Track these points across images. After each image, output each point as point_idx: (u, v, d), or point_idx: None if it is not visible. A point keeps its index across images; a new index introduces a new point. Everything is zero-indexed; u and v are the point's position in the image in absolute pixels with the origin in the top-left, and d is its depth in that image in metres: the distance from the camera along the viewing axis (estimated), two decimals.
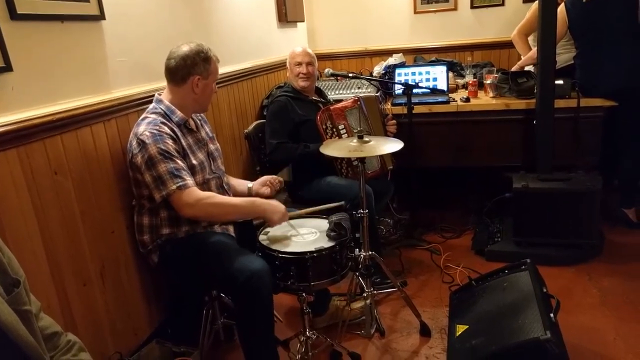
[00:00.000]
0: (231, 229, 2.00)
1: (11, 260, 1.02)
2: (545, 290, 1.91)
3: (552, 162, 2.81)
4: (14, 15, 1.46)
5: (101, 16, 1.83)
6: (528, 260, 2.06)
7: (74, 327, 1.64)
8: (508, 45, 3.60)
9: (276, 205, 1.89)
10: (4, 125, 1.41)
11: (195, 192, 1.75)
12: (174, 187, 1.70)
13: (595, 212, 2.63)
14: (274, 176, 2.15)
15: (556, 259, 2.65)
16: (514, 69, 3.24)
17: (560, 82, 2.80)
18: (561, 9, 2.87)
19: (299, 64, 2.67)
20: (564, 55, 3.08)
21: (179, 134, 1.82)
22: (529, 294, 1.87)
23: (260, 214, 1.87)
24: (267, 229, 1.95)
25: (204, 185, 1.89)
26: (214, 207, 1.79)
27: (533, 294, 1.86)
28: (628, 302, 2.32)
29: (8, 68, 1.44)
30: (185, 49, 1.83)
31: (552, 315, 1.74)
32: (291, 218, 1.99)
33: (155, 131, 1.73)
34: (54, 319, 1.12)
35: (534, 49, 2.97)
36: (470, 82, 3.18)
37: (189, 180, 1.74)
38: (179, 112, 1.85)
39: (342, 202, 2.07)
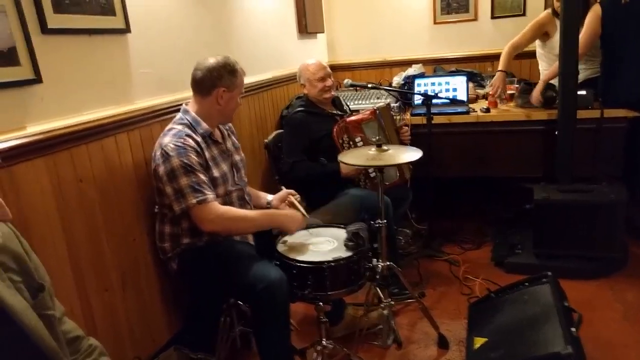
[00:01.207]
0: (250, 238, 2.02)
1: (37, 266, 1.06)
2: (566, 303, 1.88)
3: (574, 173, 2.76)
4: (44, 29, 1.52)
5: (127, 29, 1.89)
6: (549, 273, 2.03)
7: (94, 332, 1.68)
8: (529, 55, 3.57)
9: (292, 215, 1.92)
10: (33, 135, 1.47)
11: (215, 207, 1.77)
12: (194, 201, 1.73)
13: (619, 224, 2.58)
14: (292, 191, 2.14)
15: (578, 272, 2.60)
16: (538, 86, 3.20)
17: (583, 92, 2.77)
18: (596, 8, 2.80)
19: (323, 78, 2.68)
20: (583, 72, 3.03)
21: (203, 145, 1.85)
22: (549, 308, 1.84)
23: (278, 225, 1.91)
24: (286, 238, 1.97)
25: (225, 197, 1.92)
26: (233, 222, 1.82)
27: (554, 307, 1.83)
28: None
29: (38, 80, 1.50)
30: (212, 61, 1.87)
31: (573, 329, 1.71)
32: (308, 226, 2.00)
33: (180, 144, 1.77)
34: (76, 323, 1.15)
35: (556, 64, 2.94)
36: (491, 93, 3.16)
37: (209, 195, 1.77)
38: (204, 124, 1.88)
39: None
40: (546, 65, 3.34)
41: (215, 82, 1.86)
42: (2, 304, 0.90)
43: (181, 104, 1.97)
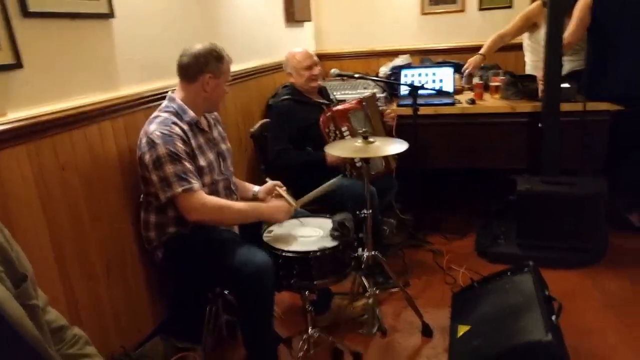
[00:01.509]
0: (235, 228, 2.02)
1: (19, 255, 1.04)
2: (547, 293, 1.92)
3: (558, 166, 2.80)
4: (26, 12, 1.48)
5: (111, 14, 1.85)
6: (530, 263, 2.07)
7: (79, 321, 1.67)
8: (515, 47, 3.59)
9: (280, 207, 1.92)
10: (14, 121, 1.44)
11: (201, 196, 1.76)
12: (180, 189, 1.72)
13: (600, 216, 2.63)
14: (278, 182, 2.14)
15: (559, 262, 2.65)
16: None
17: (566, 85, 2.80)
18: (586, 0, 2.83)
19: (309, 67, 2.67)
20: (568, 64, 3.06)
21: (189, 134, 1.83)
22: (531, 297, 1.88)
23: (266, 217, 1.91)
24: (271, 228, 1.97)
25: (212, 186, 1.91)
26: (219, 212, 1.81)
27: (535, 296, 1.86)
28: (631, 305, 2.31)
29: (18, 65, 1.47)
30: (198, 47, 1.85)
31: (553, 317, 1.75)
32: (296, 214, 2.00)
33: (165, 131, 1.75)
34: (60, 313, 1.14)
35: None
36: (476, 84, 3.18)
37: (195, 184, 1.75)
38: (190, 112, 1.86)
39: (339, 177, 2.07)
40: (532, 56, 3.37)
41: (202, 67, 1.84)
42: None
43: (167, 92, 1.94)
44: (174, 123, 1.80)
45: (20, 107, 1.49)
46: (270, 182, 2.14)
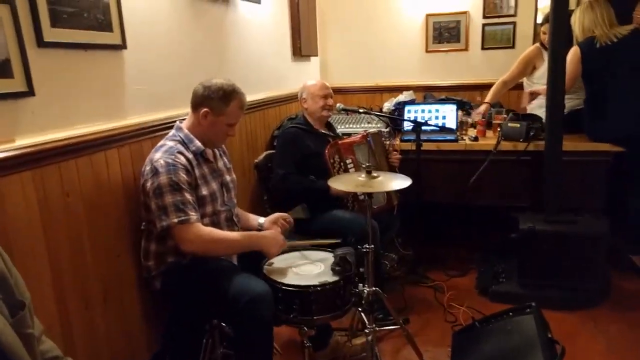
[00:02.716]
0: (234, 258, 2.01)
1: (18, 281, 1.04)
2: (550, 335, 1.88)
3: (559, 204, 2.80)
4: (40, 43, 1.52)
5: (123, 45, 1.90)
6: (533, 304, 2.03)
7: (73, 351, 1.64)
8: (517, 87, 3.65)
9: (273, 238, 1.91)
10: (21, 148, 1.45)
11: (196, 228, 1.76)
12: (176, 220, 1.72)
13: (602, 256, 2.61)
14: (284, 214, 2.14)
15: (561, 303, 2.61)
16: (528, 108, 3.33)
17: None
18: (575, 50, 2.90)
19: (325, 96, 2.74)
20: (568, 103, 3.11)
21: (194, 163, 1.85)
22: (533, 339, 1.84)
23: (259, 248, 1.88)
24: (272, 260, 1.95)
25: (213, 217, 1.91)
26: (212, 243, 1.80)
27: (537, 339, 1.82)
28: (635, 350, 2.27)
29: (30, 93, 1.49)
30: (215, 81, 1.88)
31: None
32: (290, 248, 1.99)
33: (170, 160, 1.76)
34: (55, 341, 1.13)
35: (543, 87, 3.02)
36: (479, 122, 3.22)
37: (193, 216, 1.75)
38: (196, 142, 1.88)
39: (339, 241, 2.09)
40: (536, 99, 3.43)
41: (202, 100, 1.87)
42: None
43: (173, 122, 1.97)
44: (180, 152, 1.81)
45: (29, 134, 1.51)
46: (276, 214, 2.14)
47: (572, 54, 2.87)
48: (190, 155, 1.84)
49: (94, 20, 1.74)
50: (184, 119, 1.96)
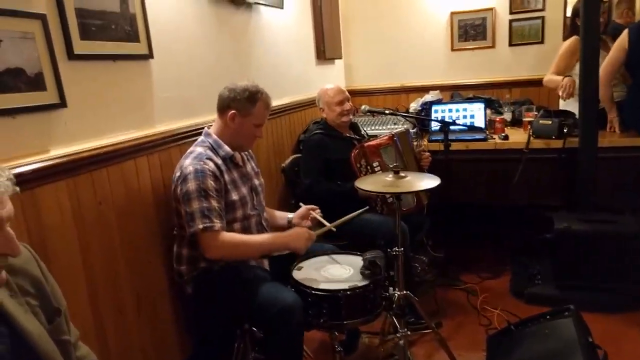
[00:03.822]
0: (266, 263, 2.01)
1: (54, 289, 1.06)
2: (590, 339, 1.81)
3: (595, 203, 2.71)
4: (71, 55, 1.56)
5: (150, 55, 1.93)
6: (571, 307, 1.96)
7: (107, 356, 1.67)
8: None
9: (298, 233, 1.89)
10: (56, 158, 1.49)
11: (220, 236, 1.76)
12: (201, 226, 1.73)
13: None
14: (312, 206, 2.14)
15: (601, 305, 2.51)
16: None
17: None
18: (623, 35, 2.78)
19: (341, 102, 2.70)
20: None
21: (223, 168, 1.86)
22: (572, 343, 1.77)
23: (285, 248, 1.87)
24: (301, 265, 1.95)
25: (244, 222, 1.92)
26: (237, 249, 1.81)
27: (577, 343, 1.76)
28: None
29: (63, 104, 1.53)
30: (240, 83, 1.90)
31: None
32: (318, 236, 1.97)
33: (198, 167, 1.77)
34: (90, 347, 1.15)
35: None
36: (498, 120, 3.15)
37: (217, 224, 1.75)
38: (225, 147, 1.89)
39: (367, 207, 2.12)
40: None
41: (230, 103, 1.88)
42: (19, 328, 0.90)
43: (201, 128, 1.99)
44: (209, 158, 1.82)
45: (62, 144, 1.55)
46: (304, 207, 2.14)
47: (619, 39, 2.74)
48: (219, 161, 1.86)
49: (122, 31, 1.78)
50: (211, 125, 1.97)
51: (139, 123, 1.90)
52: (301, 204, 2.20)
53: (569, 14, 3.77)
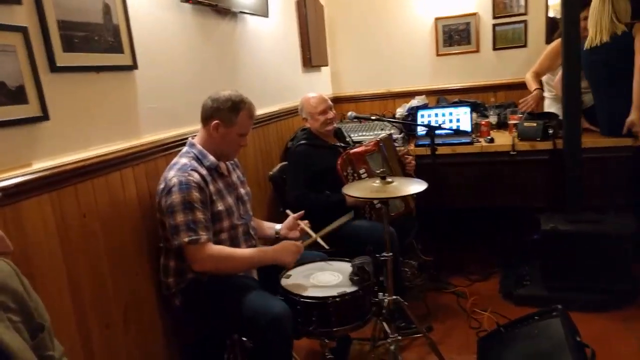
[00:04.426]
0: (255, 273, 2.00)
1: (37, 304, 1.04)
2: (578, 338, 1.83)
3: (579, 202, 2.74)
4: (53, 68, 1.55)
5: (134, 66, 1.92)
6: (559, 307, 1.98)
7: None
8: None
9: (284, 248, 1.89)
10: (39, 171, 1.47)
11: (207, 248, 1.75)
12: (186, 239, 1.72)
13: (628, 255, 2.53)
14: (299, 213, 2.14)
15: (588, 305, 2.54)
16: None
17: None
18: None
19: (324, 111, 2.70)
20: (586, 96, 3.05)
21: (208, 179, 1.85)
22: (561, 343, 1.79)
23: (273, 262, 1.87)
24: (290, 272, 1.94)
25: (231, 231, 1.91)
26: (223, 263, 1.80)
27: (566, 343, 1.78)
28: None
29: (45, 117, 1.51)
30: (223, 93, 1.89)
31: None
32: (305, 247, 1.97)
33: (183, 179, 1.76)
34: None
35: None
36: (483, 123, 3.18)
37: (203, 236, 1.74)
38: (210, 157, 1.89)
39: (352, 216, 2.13)
40: (550, 94, 3.37)
41: (213, 113, 1.87)
42: (2, 345, 0.89)
43: (186, 138, 1.98)
44: (193, 169, 1.81)
45: (45, 157, 1.53)
46: (291, 217, 2.14)
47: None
48: (204, 172, 1.85)
49: (105, 42, 1.77)
50: (195, 135, 1.97)
51: (124, 134, 1.89)
52: (288, 211, 2.19)
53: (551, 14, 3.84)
